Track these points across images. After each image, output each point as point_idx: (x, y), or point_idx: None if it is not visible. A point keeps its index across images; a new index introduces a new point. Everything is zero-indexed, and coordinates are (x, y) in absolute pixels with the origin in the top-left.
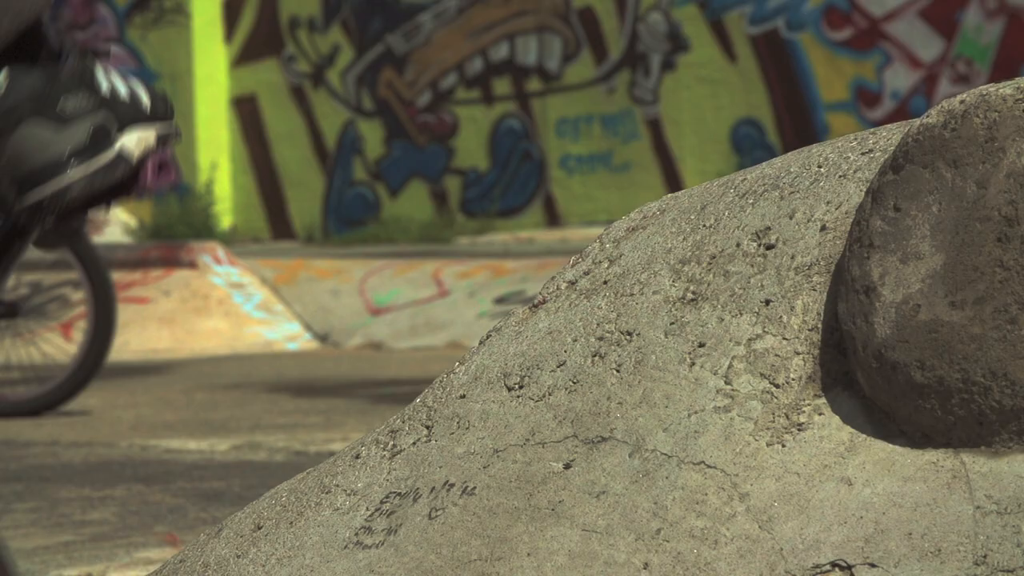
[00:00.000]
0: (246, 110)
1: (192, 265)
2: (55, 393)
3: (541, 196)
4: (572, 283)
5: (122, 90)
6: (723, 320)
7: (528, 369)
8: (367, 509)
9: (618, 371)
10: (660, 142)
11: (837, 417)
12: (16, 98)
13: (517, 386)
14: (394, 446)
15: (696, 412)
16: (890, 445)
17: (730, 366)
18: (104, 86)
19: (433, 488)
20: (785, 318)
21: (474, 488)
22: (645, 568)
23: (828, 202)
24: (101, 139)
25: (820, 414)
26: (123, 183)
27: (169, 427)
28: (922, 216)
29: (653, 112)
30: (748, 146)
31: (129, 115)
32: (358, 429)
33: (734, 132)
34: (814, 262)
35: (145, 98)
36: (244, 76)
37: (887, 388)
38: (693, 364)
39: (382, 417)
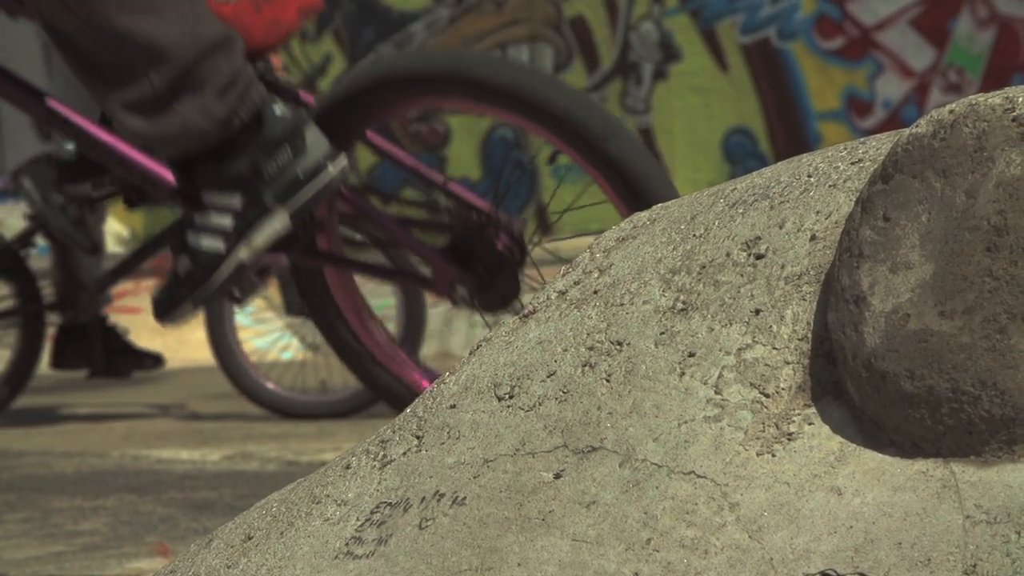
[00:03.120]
0: None
1: None
2: (366, 393)
3: (532, 205)
4: (562, 293)
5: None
6: (713, 330)
7: (518, 379)
8: (357, 519)
9: (608, 381)
10: (652, 151)
11: (827, 427)
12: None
13: (507, 396)
14: (384, 456)
15: (686, 422)
16: (880, 455)
17: (720, 376)
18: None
19: (423, 498)
20: (775, 328)
21: (464, 498)
22: None
23: (818, 212)
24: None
25: (810, 424)
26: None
27: (161, 437)
28: (911, 226)
29: (645, 121)
30: (740, 155)
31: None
32: (349, 439)
33: (726, 141)
34: (804, 272)
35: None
36: None
37: (877, 397)
38: (683, 374)
39: (373, 427)
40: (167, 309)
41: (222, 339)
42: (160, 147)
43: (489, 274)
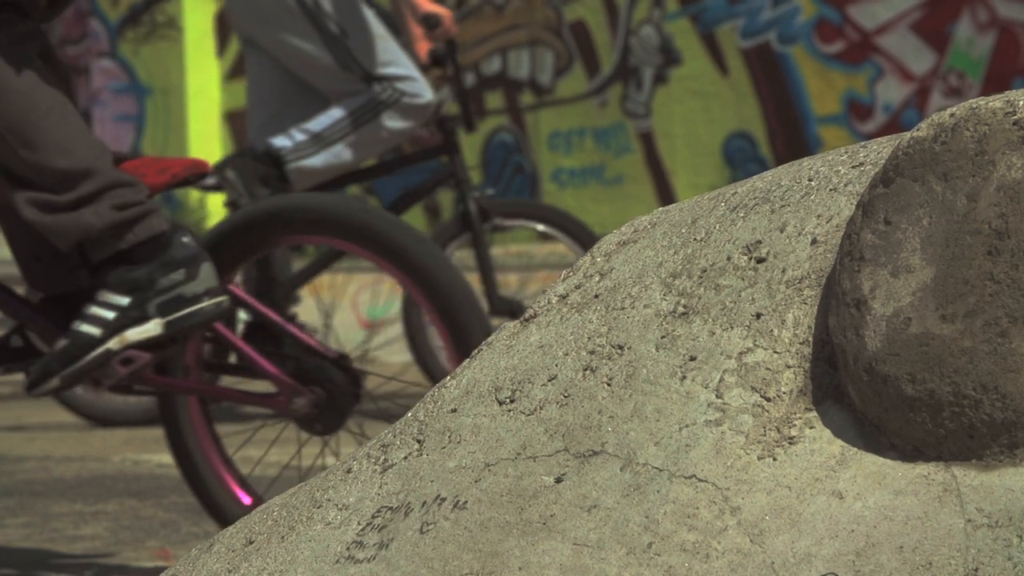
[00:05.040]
0: (238, 124)
1: None
2: None
3: None
4: (563, 297)
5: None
6: (714, 334)
7: (519, 383)
8: (359, 524)
9: (609, 385)
10: (652, 155)
11: (828, 431)
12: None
13: (508, 400)
14: (385, 460)
15: (687, 426)
16: (881, 458)
17: (721, 380)
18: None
19: (425, 502)
20: (776, 331)
21: (465, 502)
22: None
23: (819, 215)
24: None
25: (811, 427)
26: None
27: (161, 442)
28: (912, 229)
29: (645, 125)
30: (740, 159)
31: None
32: (350, 443)
33: (726, 145)
34: (805, 275)
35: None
36: (236, 90)
37: (878, 401)
38: (684, 378)
39: (374, 431)
40: (36, 381)
41: None
42: (52, 237)
43: (325, 400)
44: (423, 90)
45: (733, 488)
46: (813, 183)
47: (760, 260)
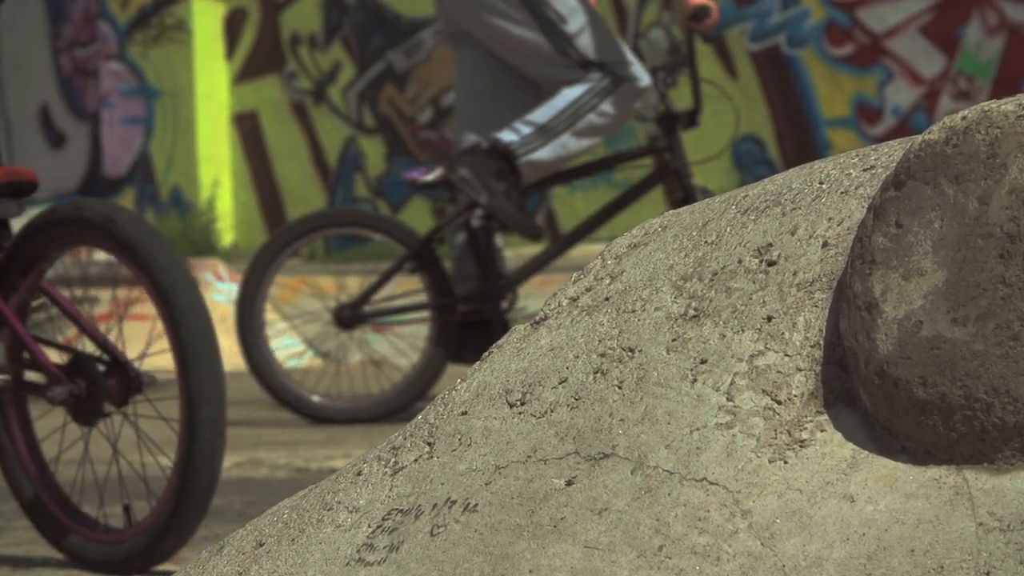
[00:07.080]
0: (247, 127)
1: None
2: None
3: (543, 212)
4: (574, 300)
5: None
6: (725, 336)
7: (530, 386)
8: (369, 526)
9: (620, 388)
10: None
11: (839, 434)
12: None
13: (519, 403)
14: (396, 463)
15: (698, 429)
16: (892, 462)
17: (732, 383)
18: None
19: (435, 505)
20: (787, 334)
21: (476, 505)
22: None
23: (830, 218)
24: None
25: (822, 431)
26: None
27: (169, 444)
28: (924, 232)
29: (654, 128)
30: (749, 162)
31: None
32: (360, 446)
33: (735, 148)
34: (816, 278)
35: None
36: (245, 93)
37: (889, 405)
38: (695, 381)
39: (384, 434)
40: None
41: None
42: None
43: (85, 394)
44: (641, 74)
45: (744, 491)
46: (824, 186)
47: (771, 263)
